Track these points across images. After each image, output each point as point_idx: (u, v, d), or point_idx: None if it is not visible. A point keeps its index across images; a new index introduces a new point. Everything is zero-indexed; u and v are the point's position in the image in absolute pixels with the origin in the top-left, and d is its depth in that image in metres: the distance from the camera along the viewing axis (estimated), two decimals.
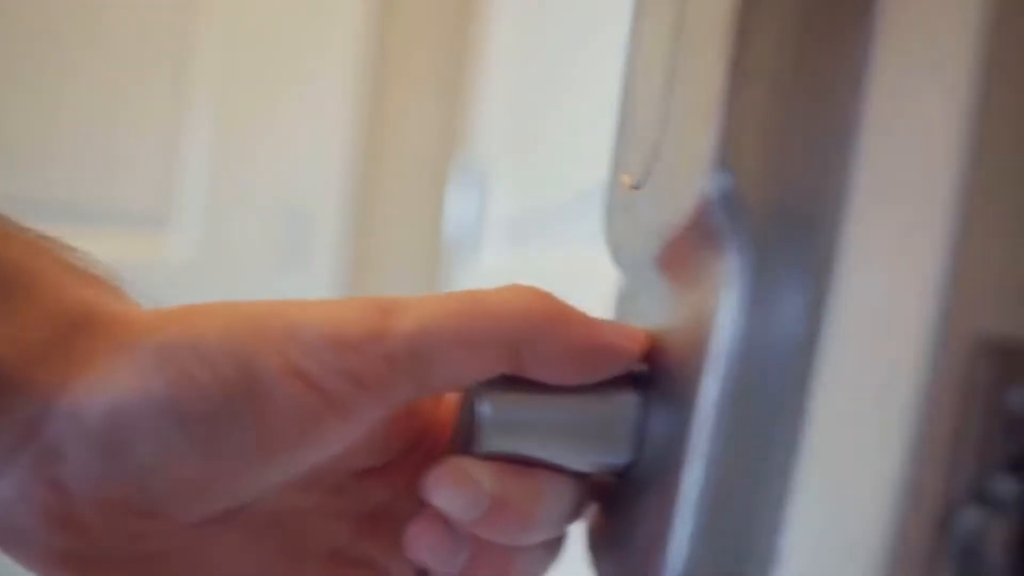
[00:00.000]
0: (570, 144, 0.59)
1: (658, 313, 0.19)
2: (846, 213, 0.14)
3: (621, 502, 0.19)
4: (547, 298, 0.17)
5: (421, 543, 0.18)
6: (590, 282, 0.49)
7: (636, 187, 0.19)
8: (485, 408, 0.17)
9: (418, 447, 0.20)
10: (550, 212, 0.65)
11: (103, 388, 0.16)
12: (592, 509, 0.21)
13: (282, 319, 0.17)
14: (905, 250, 0.14)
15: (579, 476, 0.19)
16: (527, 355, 0.17)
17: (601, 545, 0.20)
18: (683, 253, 0.17)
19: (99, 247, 0.19)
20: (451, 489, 0.17)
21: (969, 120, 0.13)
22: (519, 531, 0.18)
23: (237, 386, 0.16)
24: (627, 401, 0.18)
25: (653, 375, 0.18)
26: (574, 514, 0.19)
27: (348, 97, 1.13)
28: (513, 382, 0.17)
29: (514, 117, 0.82)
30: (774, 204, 0.14)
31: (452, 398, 0.20)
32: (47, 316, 0.16)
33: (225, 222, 1.11)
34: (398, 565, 0.20)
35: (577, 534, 0.21)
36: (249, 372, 0.16)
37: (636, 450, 0.18)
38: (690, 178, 0.15)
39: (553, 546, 0.20)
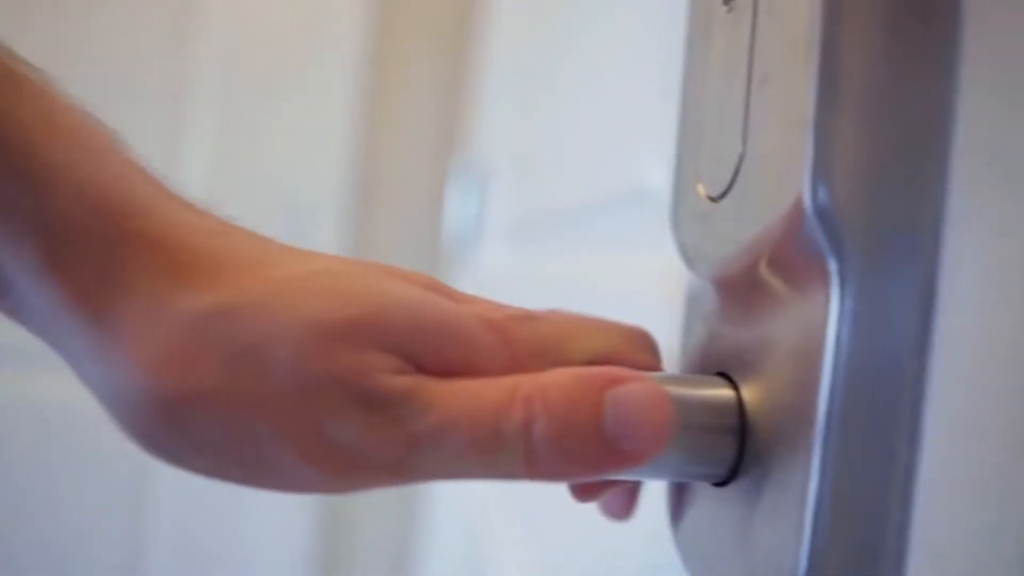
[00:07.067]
0: (571, 144, 0.58)
1: (737, 319, 0.19)
2: (944, 221, 0.14)
3: (722, 509, 0.19)
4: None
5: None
6: (589, 285, 0.49)
7: (715, 199, 0.19)
8: None
9: None
10: (551, 214, 0.64)
11: (131, 360, 0.15)
12: (681, 511, 0.21)
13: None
14: (1005, 257, 0.14)
15: None
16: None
17: (698, 550, 0.21)
18: (774, 264, 0.17)
19: None
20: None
21: None
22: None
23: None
24: (729, 412, 0.18)
25: (748, 383, 0.18)
26: None
27: (348, 97, 1.13)
28: None
29: (514, 117, 0.82)
30: (871, 216, 0.15)
31: None
32: (75, 222, 0.15)
33: None
34: None
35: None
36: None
37: (736, 462, 0.18)
38: (783, 192, 0.15)
39: None
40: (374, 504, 1.16)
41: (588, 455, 0.15)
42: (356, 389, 0.15)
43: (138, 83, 1.07)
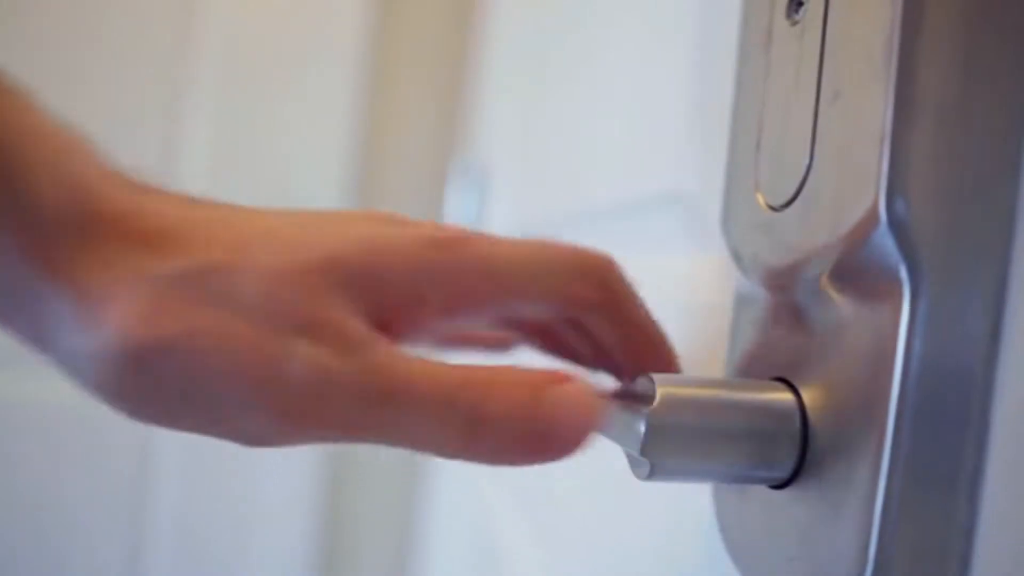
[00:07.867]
0: (571, 144, 0.58)
1: (796, 324, 0.20)
2: (1015, 232, 0.15)
3: (780, 511, 0.19)
4: None
5: None
6: None
7: (776, 208, 0.20)
8: (651, 420, 0.18)
9: None
10: (551, 214, 0.64)
11: (106, 325, 0.16)
12: (731, 513, 0.22)
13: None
14: None
15: None
16: None
17: (752, 550, 0.21)
18: (840, 272, 0.18)
19: None
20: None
21: None
22: None
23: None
24: (792, 417, 0.18)
25: (808, 387, 0.18)
26: None
27: (348, 97, 1.13)
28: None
29: (515, 117, 0.82)
30: (943, 226, 0.15)
31: None
32: (45, 208, 0.16)
33: None
34: None
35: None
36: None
37: (797, 465, 0.18)
38: (855, 202, 0.16)
39: None
40: (375, 503, 1.16)
41: (521, 443, 0.17)
42: (311, 331, 0.16)
43: (138, 83, 1.07)
